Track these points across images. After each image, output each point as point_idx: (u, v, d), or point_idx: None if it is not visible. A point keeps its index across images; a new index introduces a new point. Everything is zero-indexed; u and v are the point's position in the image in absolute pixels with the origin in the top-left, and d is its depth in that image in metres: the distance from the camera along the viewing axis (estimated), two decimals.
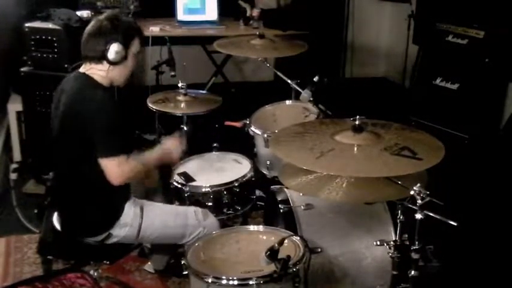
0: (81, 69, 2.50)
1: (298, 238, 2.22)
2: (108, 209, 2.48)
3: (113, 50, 2.42)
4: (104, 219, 2.49)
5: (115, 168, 2.37)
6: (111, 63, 2.44)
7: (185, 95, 3.35)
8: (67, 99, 2.43)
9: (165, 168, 2.96)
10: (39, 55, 3.73)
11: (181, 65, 3.86)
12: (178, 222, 2.59)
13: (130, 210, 2.51)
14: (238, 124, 3.24)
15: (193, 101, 3.37)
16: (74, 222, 2.53)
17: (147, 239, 2.63)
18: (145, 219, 2.52)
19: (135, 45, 2.50)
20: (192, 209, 2.67)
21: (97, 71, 2.46)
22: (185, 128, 3.39)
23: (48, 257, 2.69)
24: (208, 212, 2.69)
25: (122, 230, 2.50)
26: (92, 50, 2.44)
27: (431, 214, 2.05)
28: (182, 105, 3.33)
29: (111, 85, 2.52)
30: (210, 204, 2.83)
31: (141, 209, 2.54)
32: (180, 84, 3.35)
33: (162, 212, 2.61)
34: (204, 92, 3.89)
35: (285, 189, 2.57)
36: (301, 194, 2.51)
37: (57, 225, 2.56)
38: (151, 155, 2.60)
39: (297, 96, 3.37)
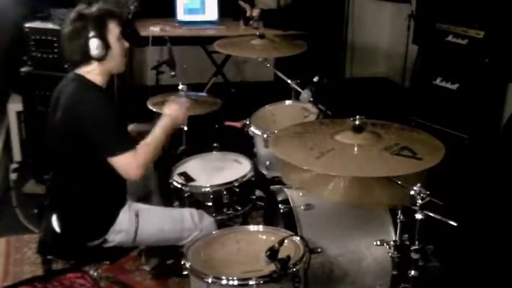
0: (77, 71, 2.46)
1: (298, 238, 2.22)
2: (102, 215, 2.47)
3: (93, 47, 2.36)
4: (98, 225, 2.48)
5: (132, 162, 2.33)
6: (98, 59, 2.40)
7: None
8: (65, 103, 2.41)
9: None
10: (39, 55, 3.72)
11: (182, 65, 3.86)
12: (174, 226, 2.56)
13: (125, 216, 2.49)
14: (238, 124, 3.24)
15: (193, 103, 3.36)
16: (70, 228, 2.52)
17: (144, 242, 2.65)
18: (141, 224, 2.50)
19: (112, 30, 2.41)
20: (187, 211, 2.63)
21: (91, 71, 2.43)
22: (185, 128, 3.39)
23: (48, 257, 2.68)
24: (204, 214, 2.65)
25: (118, 236, 2.48)
26: (75, 54, 2.41)
27: (431, 214, 2.05)
28: None
29: (109, 80, 2.49)
30: (209, 204, 2.82)
31: (137, 215, 2.51)
32: (180, 87, 3.33)
33: (158, 216, 2.59)
34: (203, 94, 3.88)
35: (285, 189, 2.57)
36: (301, 194, 2.51)
37: (56, 227, 2.56)
38: (158, 129, 2.50)
39: (297, 96, 3.37)
